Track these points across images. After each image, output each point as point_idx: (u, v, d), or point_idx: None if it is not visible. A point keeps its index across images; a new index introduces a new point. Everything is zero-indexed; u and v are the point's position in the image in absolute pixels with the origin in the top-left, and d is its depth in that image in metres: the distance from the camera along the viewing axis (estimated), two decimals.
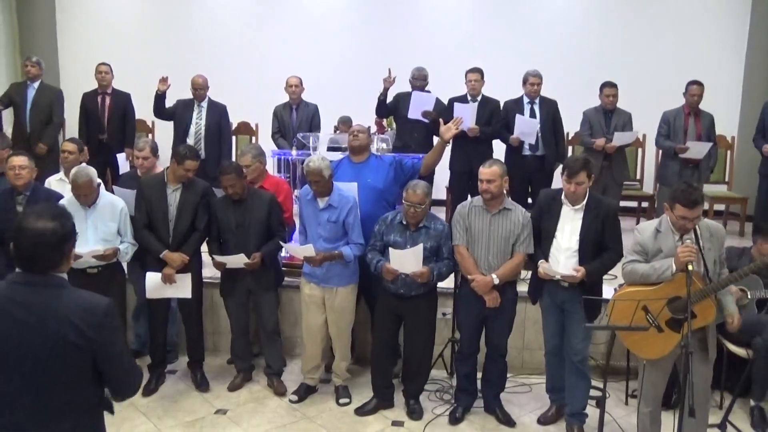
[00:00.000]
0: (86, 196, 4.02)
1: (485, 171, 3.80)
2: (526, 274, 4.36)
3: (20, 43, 7.95)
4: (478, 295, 3.85)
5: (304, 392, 4.39)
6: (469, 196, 5.66)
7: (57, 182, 4.79)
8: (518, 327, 4.46)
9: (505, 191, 3.95)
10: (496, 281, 3.80)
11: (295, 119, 6.33)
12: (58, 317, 1.93)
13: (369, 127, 4.59)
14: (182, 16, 8.12)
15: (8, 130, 6.47)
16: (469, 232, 3.92)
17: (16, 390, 1.92)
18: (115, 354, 2.03)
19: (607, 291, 4.11)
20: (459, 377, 4.19)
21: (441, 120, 4.55)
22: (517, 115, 5.75)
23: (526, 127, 5.72)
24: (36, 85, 6.29)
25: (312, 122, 6.34)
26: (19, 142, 5.93)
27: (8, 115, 6.58)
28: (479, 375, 4.18)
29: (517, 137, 5.73)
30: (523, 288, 4.17)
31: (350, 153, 4.47)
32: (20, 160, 4.18)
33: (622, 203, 6.45)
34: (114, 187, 4.61)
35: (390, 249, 3.89)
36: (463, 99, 5.89)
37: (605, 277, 3.93)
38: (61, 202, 4.13)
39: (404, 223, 3.98)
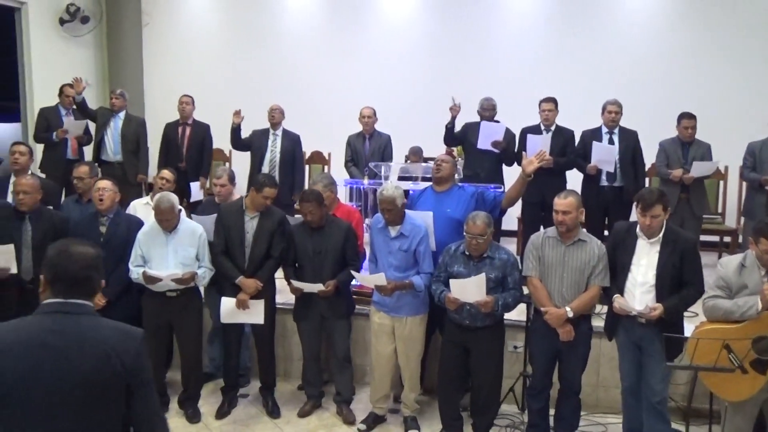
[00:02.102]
0: (168, 221, 4.19)
1: (561, 202, 3.74)
2: (600, 309, 4.24)
3: (109, 76, 8.44)
4: (552, 328, 3.76)
5: (373, 421, 4.38)
6: (541, 227, 5.57)
7: (143, 206, 5.02)
8: (593, 363, 4.32)
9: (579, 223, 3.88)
10: (570, 314, 3.71)
11: (368, 149, 6.43)
12: (98, 342, 1.89)
13: (455, 158, 4.61)
14: (260, 49, 8.43)
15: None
16: (542, 263, 3.85)
17: (47, 418, 1.84)
18: (146, 380, 1.98)
19: (689, 329, 3.95)
20: (531, 412, 4.09)
21: (524, 153, 4.50)
22: (594, 143, 5.63)
23: (604, 155, 5.58)
24: (121, 115, 6.61)
25: (384, 152, 6.42)
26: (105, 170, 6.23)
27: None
28: (551, 412, 4.07)
29: (594, 165, 5.60)
30: (598, 323, 4.06)
31: (433, 182, 4.48)
32: (105, 183, 4.44)
33: (703, 238, 6.18)
34: (193, 216, 4.78)
35: (451, 279, 3.87)
36: (535, 129, 5.84)
37: (686, 313, 3.79)
38: (145, 227, 4.33)
39: (467, 253, 3.95)
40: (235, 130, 6.39)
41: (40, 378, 1.82)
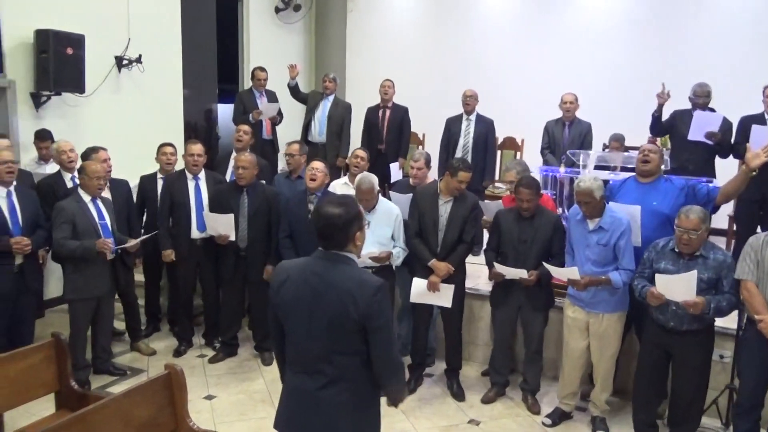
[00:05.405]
0: (368, 201, 4.37)
1: None
2: None
3: (315, 61, 8.97)
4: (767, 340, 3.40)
5: (559, 417, 4.27)
6: (759, 227, 5.05)
7: (342, 186, 5.29)
8: None
9: None
10: None
11: (567, 136, 6.21)
12: (340, 288, 2.29)
13: (661, 149, 4.33)
14: (458, 35, 8.48)
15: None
16: (761, 267, 3.47)
17: (308, 340, 2.35)
18: (381, 327, 2.29)
19: None
20: None
21: (748, 145, 4.09)
22: None
23: None
24: (331, 98, 6.99)
25: (584, 140, 6.15)
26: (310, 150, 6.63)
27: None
28: None
29: None
30: None
31: (638, 174, 4.24)
32: (318, 164, 4.79)
33: None
34: (391, 193, 4.94)
35: (657, 273, 3.61)
36: (758, 118, 5.25)
37: None
38: None
39: (677, 250, 3.67)
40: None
41: (301, 306, 2.35)
